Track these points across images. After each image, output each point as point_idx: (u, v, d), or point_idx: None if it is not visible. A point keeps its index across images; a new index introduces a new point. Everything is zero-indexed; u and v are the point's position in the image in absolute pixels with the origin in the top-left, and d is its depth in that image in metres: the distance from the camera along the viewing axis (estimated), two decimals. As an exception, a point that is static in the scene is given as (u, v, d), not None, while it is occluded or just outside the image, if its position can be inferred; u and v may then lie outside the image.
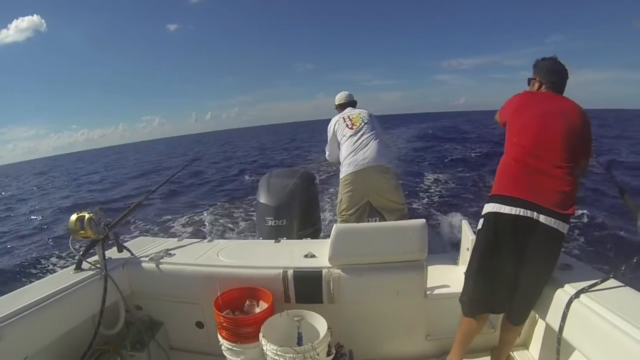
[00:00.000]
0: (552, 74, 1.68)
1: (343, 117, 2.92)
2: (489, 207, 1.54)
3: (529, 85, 1.76)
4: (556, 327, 1.37)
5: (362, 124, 2.82)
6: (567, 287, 1.42)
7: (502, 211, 1.47)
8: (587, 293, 1.33)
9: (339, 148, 2.89)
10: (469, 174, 9.71)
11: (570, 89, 1.67)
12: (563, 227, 1.43)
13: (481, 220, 1.58)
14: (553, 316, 1.42)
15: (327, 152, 3.10)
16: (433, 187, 8.28)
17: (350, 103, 3.10)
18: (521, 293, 1.52)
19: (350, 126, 2.84)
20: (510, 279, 1.51)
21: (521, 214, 1.43)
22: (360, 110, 2.98)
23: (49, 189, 18.72)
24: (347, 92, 3.14)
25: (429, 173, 9.97)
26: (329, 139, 3.01)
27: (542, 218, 1.41)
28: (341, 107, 3.10)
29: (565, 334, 1.33)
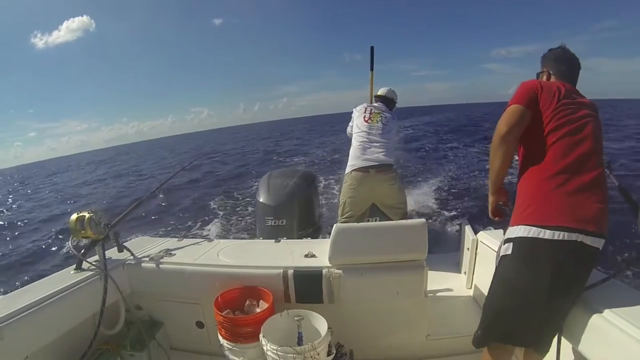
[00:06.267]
0: (561, 61, 1.52)
1: (367, 107, 2.94)
2: (520, 231, 1.30)
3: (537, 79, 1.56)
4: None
5: (379, 121, 2.82)
6: None
7: (541, 236, 1.25)
8: (588, 293, 1.33)
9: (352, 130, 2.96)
10: (471, 172, 9.62)
11: (626, 77, 1.26)
12: (601, 244, 1.27)
13: (508, 246, 1.33)
14: None
15: (347, 130, 3.15)
16: (434, 185, 8.24)
17: (385, 99, 3.11)
18: (554, 323, 1.33)
19: (367, 119, 2.84)
20: (541, 314, 1.29)
21: (566, 238, 1.22)
22: (385, 109, 2.98)
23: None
24: (389, 89, 3.16)
25: (433, 167, 9.85)
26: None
27: (589, 240, 1.23)
28: (377, 98, 3.13)
29: (565, 334, 1.33)
